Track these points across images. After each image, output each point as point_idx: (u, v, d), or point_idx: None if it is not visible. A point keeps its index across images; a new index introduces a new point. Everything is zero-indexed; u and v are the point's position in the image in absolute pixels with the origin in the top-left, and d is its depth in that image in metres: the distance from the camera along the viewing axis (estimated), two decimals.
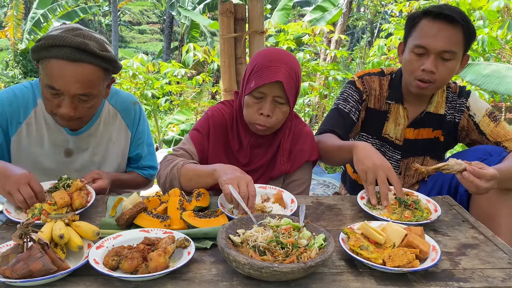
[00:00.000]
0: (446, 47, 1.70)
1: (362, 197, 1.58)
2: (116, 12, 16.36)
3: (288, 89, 1.61)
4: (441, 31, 1.70)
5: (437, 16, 1.71)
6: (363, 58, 8.81)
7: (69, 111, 1.56)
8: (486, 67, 3.82)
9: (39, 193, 1.43)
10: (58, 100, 1.56)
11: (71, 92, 1.53)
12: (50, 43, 1.49)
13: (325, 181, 4.61)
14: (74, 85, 1.52)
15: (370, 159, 1.56)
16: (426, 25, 1.74)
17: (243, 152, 1.78)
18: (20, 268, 1.03)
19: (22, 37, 13.36)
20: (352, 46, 17.49)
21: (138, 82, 5.59)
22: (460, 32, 1.71)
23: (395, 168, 1.96)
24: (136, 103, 1.93)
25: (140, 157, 1.98)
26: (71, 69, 1.51)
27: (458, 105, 1.92)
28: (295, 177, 1.81)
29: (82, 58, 1.51)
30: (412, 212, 1.47)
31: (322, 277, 1.12)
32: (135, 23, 31.51)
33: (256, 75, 1.63)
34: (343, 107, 1.94)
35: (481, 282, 1.11)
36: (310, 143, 1.82)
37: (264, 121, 1.65)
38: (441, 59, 1.72)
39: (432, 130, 1.93)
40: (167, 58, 14.46)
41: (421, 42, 1.73)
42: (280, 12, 7.97)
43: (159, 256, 1.08)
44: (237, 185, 1.42)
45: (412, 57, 1.77)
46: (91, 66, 1.54)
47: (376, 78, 1.96)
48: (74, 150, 1.79)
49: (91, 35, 1.57)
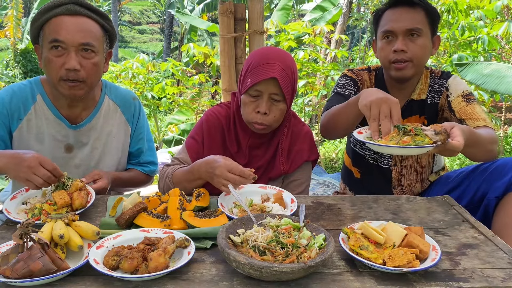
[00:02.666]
0: (410, 25, 1.79)
1: (360, 132, 1.56)
2: (116, 12, 16.36)
3: (284, 86, 1.61)
4: (403, 14, 1.82)
5: (397, 3, 1.84)
6: (363, 58, 8.81)
7: (75, 64, 1.60)
8: (486, 67, 3.81)
9: (54, 170, 1.46)
10: (63, 58, 1.60)
11: (75, 41, 1.60)
12: (50, 5, 1.61)
13: (325, 181, 4.62)
14: (77, 34, 1.60)
15: (375, 95, 1.50)
16: (389, 14, 1.86)
17: (241, 154, 1.78)
18: (20, 268, 1.04)
19: (22, 37, 13.36)
20: (352, 46, 17.49)
21: (138, 82, 5.60)
22: (421, 12, 1.82)
23: (389, 160, 1.97)
24: (135, 99, 1.95)
25: (141, 152, 1.99)
26: (72, 21, 1.61)
27: (438, 86, 1.95)
28: (294, 177, 1.81)
29: (80, 11, 1.63)
30: (411, 137, 1.40)
31: (322, 277, 1.12)
32: (135, 23, 31.51)
33: (251, 73, 1.63)
34: (343, 91, 1.96)
35: (481, 282, 1.11)
36: (309, 142, 1.82)
37: (262, 119, 1.65)
38: (409, 38, 1.81)
39: (419, 116, 1.95)
40: (167, 58, 14.46)
41: (387, 27, 1.84)
42: (280, 12, 7.97)
43: (159, 256, 1.08)
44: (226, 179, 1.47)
45: (383, 44, 1.86)
46: (89, 19, 1.65)
47: (364, 72, 2.04)
48: (74, 145, 1.80)
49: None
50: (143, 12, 32.48)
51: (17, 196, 1.52)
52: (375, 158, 2.00)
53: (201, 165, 1.57)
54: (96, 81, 1.74)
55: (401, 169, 1.96)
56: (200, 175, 1.57)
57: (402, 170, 1.97)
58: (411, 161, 1.96)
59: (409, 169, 1.98)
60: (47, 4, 1.61)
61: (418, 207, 1.62)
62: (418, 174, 2.01)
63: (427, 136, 1.39)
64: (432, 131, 1.39)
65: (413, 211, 1.58)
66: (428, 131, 1.41)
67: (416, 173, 2.00)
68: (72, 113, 1.78)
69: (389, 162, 1.97)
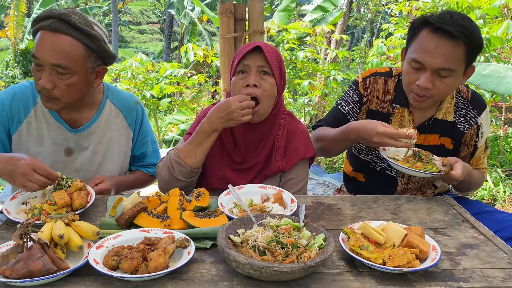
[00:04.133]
0: (443, 65, 1.62)
1: (384, 149, 1.76)
2: (116, 12, 16.36)
3: (270, 58, 1.65)
4: (439, 47, 1.62)
5: (437, 30, 1.62)
6: (363, 58, 8.81)
7: (45, 82, 1.55)
8: (486, 67, 3.81)
9: (48, 175, 1.45)
10: (40, 73, 1.57)
11: (47, 61, 1.54)
12: (40, 16, 1.56)
13: (325, 181, 4.62)
14: (51, 53, 1.54)
15: (361, 140, 1.72)
16: (425, 39, 1.65)
17: (238, 151, 1.78)
18: (20, 268, 1.04)
19: (23, 37, 13.36)
20: (352, 46, 17.50)
21: (137, 82, 5.59)
22: (461, 48, 1.61)
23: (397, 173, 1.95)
24: (137, 103, 1.93)
25: (145, 156, 1.99)
26: (50, 38, 1.54)
27: (469, 117, 1.86)
28: (292, 175, 1.81)
29: (62, 29, 1.54)
30: (423, 164, 1.67)
31: (322, 277, 1.12)
32: (135, 23, 31.52)
33: (237, 55, 1.70)
34: (342, 108, 1.94)
35: (481, 282, 1.11)
36: (305, 140, 1.82)
37: (251, 91, 1.65)
38: (437, 75, 1.65)
39: (439, 136, 1.87)
40: (167, 58, 14.47)
41: (418, 57, 1.66)
42: (282, 12, 7.95)
43: (159, 256, 1.08)
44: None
45: (409, 69, 1.71)
46: (70, 39, 1.55)
47: (381, 79, 1.90)
48: (74, 149, 1.79)
49: (81, 14, 1.60)
50: (143, 12, 32.49)
51: (17, 196, 1.52)
52: (383, 167, 1.97)
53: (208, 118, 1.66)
54: (76, 98, 1.67)
55: (407, 182, 1.96)
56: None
57: (408, 184, 1.96)
58: (418, 178, 1.96)
59: (415, 184, 1.98)
60: (39, 14, 1.58)
61: (418, 207, 1.62)
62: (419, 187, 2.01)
63: (435, 165, 1.66)
64: (440, 162, 1.65)
65: (413, 211, 1.58)
66: (437, 161, 1.67)
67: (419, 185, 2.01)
68: (73, 117, 1.77)
69: (397, 172, 1.95)
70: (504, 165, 5.11)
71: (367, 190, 1.99)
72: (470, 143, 1.89)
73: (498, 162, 5.13)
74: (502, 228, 1.66)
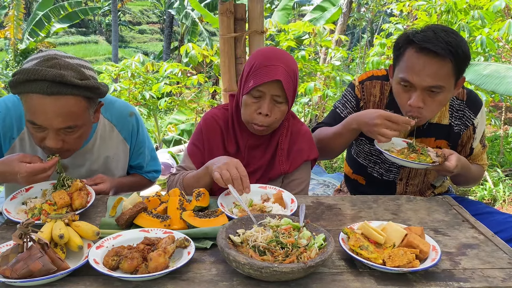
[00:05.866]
0: (432, 83, 1.61)
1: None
2: (116, 12, 16.37)
3: (287, 88, 1.62)
4: (426, 67, 1.60)
5: (422, 49, 1.60)
6: (363, 58, 8.81)
7: (55, 144, 1.48)
8: (486, 67, 3.81)
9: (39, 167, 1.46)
10: (42, 134, 1.48)
11: (54, 127, 1.45)
12: (25, 77, 1.38)
13: (325, 181, 4.61)
14: (56, 119, 1.43)
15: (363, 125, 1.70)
16: (411, 58, 1.63)
17: (240, 155, 1.78)
18: (20, 268, 1.03)
19: (23, 37, 13.37)
20: (352, 46, 17.49)
21: (137, 82, 5.59)
22: (448, 65, 1.60)
23: (396, 174, 1.95)
24: (132, 114, 1.84)
25: (142, 166, 1.97)
26: (50, 103, 1.40)
27: (465, 119, 1.86)
28: (294, 177, 1.81)
29: (60, 91, 1.40)
30: (417, 155, 1.68)
31: (322, 277, 1.12)
32: (135, 23, 31.53)
33: (254, 74, 1.63)
34: (340, 112, 1.94)
35: (481, 282, 1.11)
36: (308, 142, 1.82)
37: (262, 120, 1.65)
38: (428, 93, 1.65)
39: (434, 139, 1.88)
40: (167, 58, 14.46)
41: (407, 76, 1.64)
42: (280, 12, 7.97)
43: (159, 256, 1.08)
44: (227, 170, 1.48)
45: (399, 89, 1.71)
46: (71, 98, 1.43)
47: (378, 83, 1.88)
48: (69, 166, 1.74)
49: (67, 64, 1.44)
50: (143, 12, 32.50)
51: (17, 196, 1.52)
52: (380, 173, 1.98)
53: (214, 160, 1.61)
54: (82, 144, 1.62)
55: (406, 186, 1.96)
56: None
57: (407, 187, 1.96)
58: (417, 180, 1.96)
59: (414, 188, 1.98)
60: (26, 74, 1.37)
61: (418, 207, 1.62)
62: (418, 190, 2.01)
63: (429, 156, 1.66)
64: (435, 153, 1.66)
65: (413, 211, 1.58)
66: (431, 152, 1.67)
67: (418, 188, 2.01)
68: None
69: (395, 176, 1.95)
70: (504, 165, 5.11)
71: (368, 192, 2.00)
72: (467, 145, 1.90)
73: (498, 162, 5.14)
74: (503, 229, 1.66)
